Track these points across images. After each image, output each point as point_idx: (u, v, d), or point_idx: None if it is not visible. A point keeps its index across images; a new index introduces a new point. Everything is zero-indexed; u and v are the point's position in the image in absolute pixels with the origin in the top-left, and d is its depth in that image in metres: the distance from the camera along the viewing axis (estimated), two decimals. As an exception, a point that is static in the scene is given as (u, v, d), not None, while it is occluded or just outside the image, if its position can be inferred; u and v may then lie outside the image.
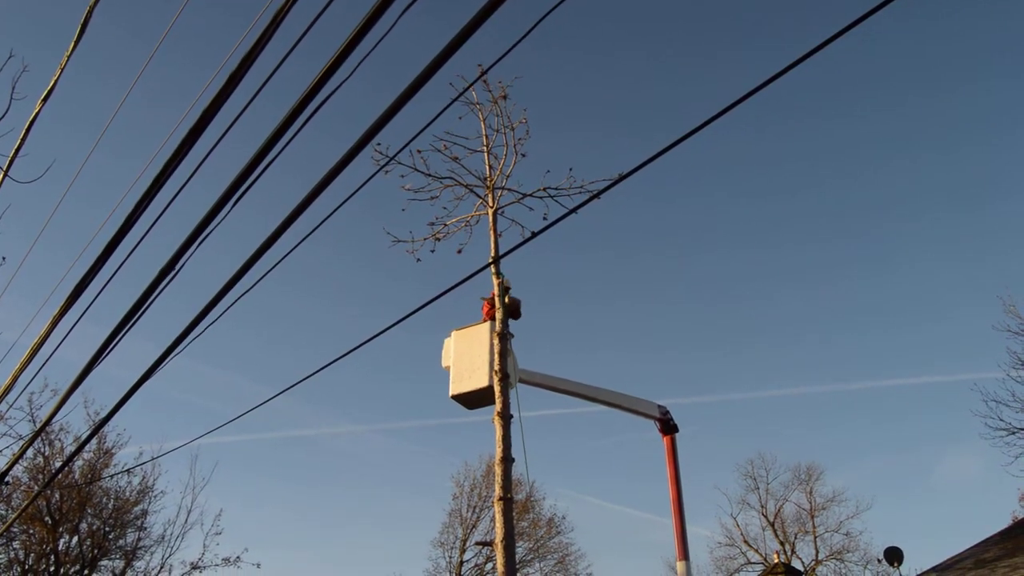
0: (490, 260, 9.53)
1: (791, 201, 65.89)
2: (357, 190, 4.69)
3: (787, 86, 62.17)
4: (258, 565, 25.00)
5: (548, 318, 56.67)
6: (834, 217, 63.44)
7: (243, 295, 5.60)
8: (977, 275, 58.42)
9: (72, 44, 7.24)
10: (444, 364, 9.98)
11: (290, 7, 4.21)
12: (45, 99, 7.88)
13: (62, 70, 7.59)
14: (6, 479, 20.26)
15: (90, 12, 6.96)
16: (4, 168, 8.86)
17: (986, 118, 58.80)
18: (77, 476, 24.57)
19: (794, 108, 65.21)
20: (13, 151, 8.67)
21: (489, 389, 9.19)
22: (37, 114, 8.03)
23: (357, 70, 4.03)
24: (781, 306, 64.44)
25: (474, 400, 9.72)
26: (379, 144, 9.49)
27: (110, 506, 25.10)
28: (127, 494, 25.40)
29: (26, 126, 8.29)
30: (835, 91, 63.20)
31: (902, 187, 61.68)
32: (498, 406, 8.67)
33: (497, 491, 8.23)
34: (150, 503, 25.59)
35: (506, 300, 9.56)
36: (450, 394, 9.59)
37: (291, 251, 5.26)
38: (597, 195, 5.05)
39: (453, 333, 10.06)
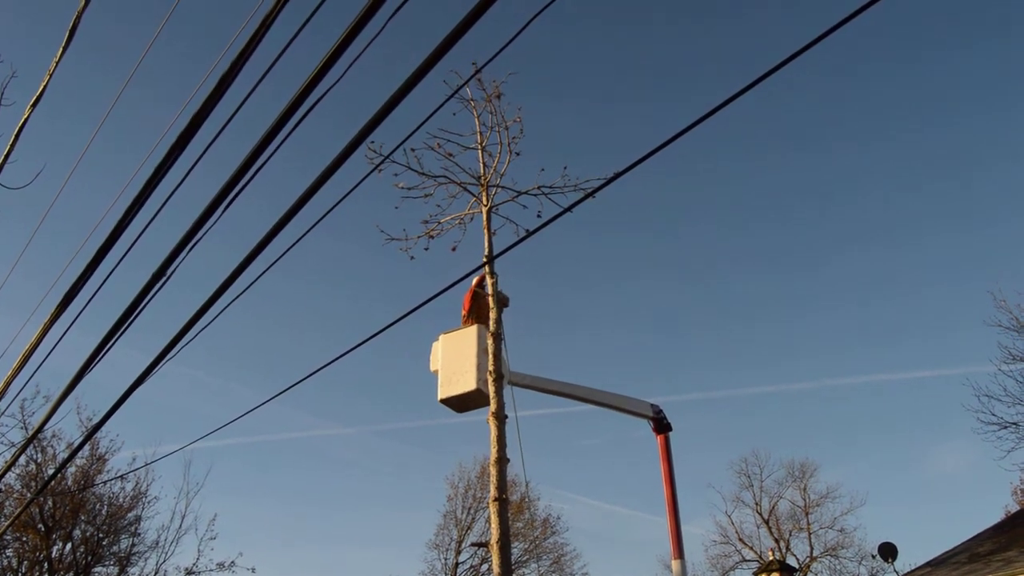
0: (484, 259, 9.50)
1: (786, 201, 66.06)
2: (351, 190, 4.67)
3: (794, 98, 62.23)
4: (253, 570, 24.97)
5: (535, 318, 56.70)
6: (833, 218, 63.53)
7: (234, 300, 5.58)
8: (968, 270, 58.73)
9: (60, 51, 7.21)
10: (432, 368, 9.94)
11: (279, 11, 4.19)
12: (34, 105, 7.84)
13: (51, 76, 7.55)
14: (-2, 487, 20.14)
15: (78, 19, 6.92)
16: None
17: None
18: (70, 483, 24.45)
19: (797, 108, 65.34)
20: (3, 157, 8.62)
21: (477, 392, 9.17)
22: (26, 120, 7.98)
23: (349, 71, 4.01)
24: (774, 303, 64.63)
25: (463, 403, 9.68)
26: (372, 142, 9.43)
27: (104, 512, 25.00)
28: (121, 500, 25.34)
29: (15, 132, 8.25)
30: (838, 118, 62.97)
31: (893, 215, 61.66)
32: (493, 406, 8.63)
33: (492, 492, 8.21)
34: (144, 509, 25.55)
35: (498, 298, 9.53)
36: (439, 398, 9.56)
37: (288, 250, 5.23)
38: (591, 193, 5.03)
39: (441, 337, 10.02)
